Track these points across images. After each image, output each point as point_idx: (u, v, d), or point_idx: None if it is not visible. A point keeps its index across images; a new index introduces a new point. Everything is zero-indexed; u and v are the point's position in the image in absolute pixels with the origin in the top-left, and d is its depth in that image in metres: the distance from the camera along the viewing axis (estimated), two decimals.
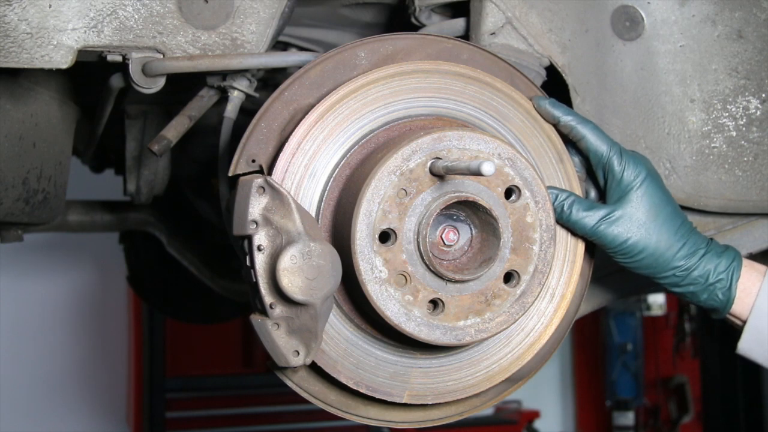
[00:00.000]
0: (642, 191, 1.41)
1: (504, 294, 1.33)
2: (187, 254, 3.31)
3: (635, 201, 1.41)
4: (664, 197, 1.43)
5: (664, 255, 1.42)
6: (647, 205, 1.41)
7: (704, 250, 1.44)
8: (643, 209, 1.41)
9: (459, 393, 1.43)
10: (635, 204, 1.41)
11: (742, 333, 1.45)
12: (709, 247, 1.44)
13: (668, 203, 1.43)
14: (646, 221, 1.41)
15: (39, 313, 6.13)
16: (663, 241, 1.41)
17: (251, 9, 1.51)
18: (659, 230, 1.41)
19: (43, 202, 1.91)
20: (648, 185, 1.42)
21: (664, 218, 1.42)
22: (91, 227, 3.20)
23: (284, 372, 1.39)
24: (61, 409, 6.13)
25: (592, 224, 1.41)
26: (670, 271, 1.43)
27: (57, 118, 1.93)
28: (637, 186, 1.41)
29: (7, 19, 1.38)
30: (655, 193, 1.42)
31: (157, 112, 2.41)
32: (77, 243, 5.84)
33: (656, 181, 1.43)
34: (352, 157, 1.35)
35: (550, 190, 1.41)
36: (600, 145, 1.42)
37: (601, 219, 1.41)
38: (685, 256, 1.42)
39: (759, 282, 1.44)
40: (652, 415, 7.42)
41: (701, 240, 1.45)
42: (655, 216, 1.41)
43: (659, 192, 1.43)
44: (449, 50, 1.44)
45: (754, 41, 1.70)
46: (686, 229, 1.44)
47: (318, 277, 1.23)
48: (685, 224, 1.44)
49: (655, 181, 1.43)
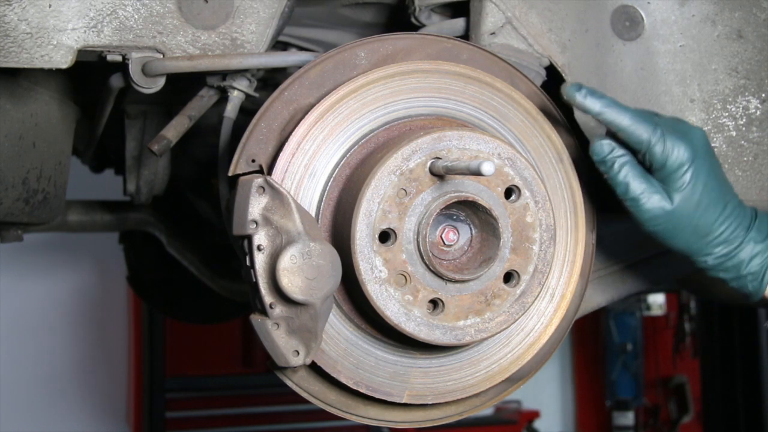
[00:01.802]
0: (687, 178, 1.37)
1: (504, 294, 1.33)
2: (187, 254, 3.31)
3: (682, 187, 1.37)
4: (711, 180, 1.39)
5: (698, 242, 1.39)
6: (690, 191, 1.37)
7: (743, 237, 1.40)
8: (686, 195, 1.37)
9: (459, 393, 1.43)
10: (681, 190, 1.37)
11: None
12: (749, 233, 1.41)
13: (714, 188, 1.39)
14: (688, 208, 1.38)
15: (39, 313, 6.13)
16: (701, 227, 1.39)
17: (251, 9, 1.51)
18: (699, 217, 1.38)
19: (43, 202, 1.91)
20: (693, 170, 1.37)
21: (707, 204, 1.38)
22: (91, 227, 3.20)
23: (284, 372, 1.39)
24: (61, 409, 6.13)
25: (635, 195, 1.37)
26: (704, 257, 1.41)
27: (57, 118, 1.93)
28: (683, 173, 1.37)
29: (7, 19, 1.38)
30: (700, 178, 1.37)
31: (157, 112, 2.41)
32: (77, 243, 5.84)
33: (703, 162, 1.38)
34: (352, 156, 1.35)
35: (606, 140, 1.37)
36: (640, 133, 1.36)
37: (643, 192, 1.37)
38: (721, 243, 1.39)
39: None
40: (652, 415, 7.42)
41: (743, 223, 1.41)
42: (698, 203, 1.38)
43: (705, 176, 1.38)
44: (449, 50, 1.44)
45: (754, 41, 1.70)
46: (728, 213, 1.40)
47: (318, 276, 1.23)
48: (728, 208, 1.40)
49: (701, 164, 1.37)
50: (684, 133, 1.39)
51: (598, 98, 1.38)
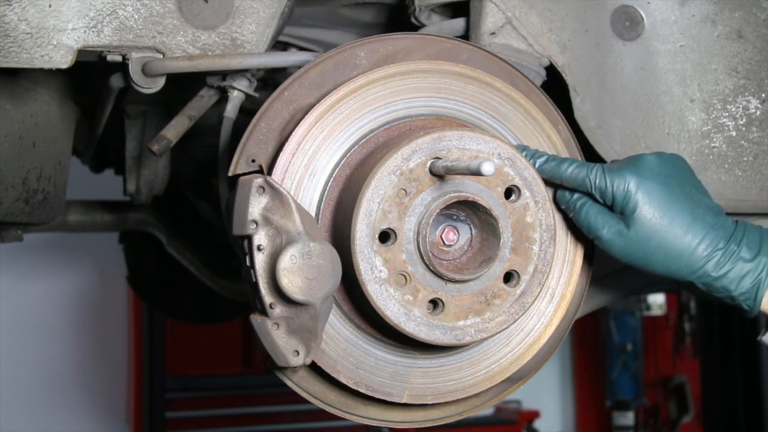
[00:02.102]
0: (636, 202, 1.36)
1: (504, 294, 1.33)
2: (187, 254, 3.31)
3: (636, 212, 1.36)
4: (668, 200, 1.36)
5: (676, 264, 1.36)
6: (643, 214, 1.36)
7: (726, 253, 1.35)
8: (643, 219, 1.36)
9: (459, 393, 1.43)
10: (635, 215, 1.36)
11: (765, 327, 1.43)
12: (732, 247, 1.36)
13: (674, 206, 1.36)
14: (646, 231, 1.36)
15: (39, 313, 6.13)
16: (670, 248, 1.36)
17: (251, 9, 1.51)
18: (663, 238, 1.35)
19: (43, 202, 1.90)
20: (642, 194, 1.36)
21: (669, 224, 1.35)
22: (91, 227, 3.20)
23: (284, 372, 1.39)
24: (61, 409, 6.13)
25: (596, 230, 1.38)
26: (691, 278, 1.37)
27: (57, 118, 1.93)
28: (630, 199, 1.36)
29: (7, 19, 1.38)
30: (653, 199, 1.36)
31: (157, 112, 2.41)
32: (77, 243, 5.84)
33: (654, 184, 1.36)
34: (352, 156, 1.35)
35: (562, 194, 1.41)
36: (581, 177, 1.38)
37: (603, 226, 1.38)
38: (703, 261, 1.35)
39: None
40: (652, 415, 7.42)
41: (722, 237, 1.36)
42: (657, 225, 1.35)
43: (659, 196, 1.36)
44: (449, 50, 1.44)
45: (754, 41, 1.70)
46: (699, 229, 1.36)
47: (318, 276, 1.23)
48: (698, 224, 1.36)
49: (652, 186, 1.36)
50: (629, 162, 1.39)
51: (537, 158, 1.40)
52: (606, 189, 1.37)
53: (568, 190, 1.42)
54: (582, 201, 1.40)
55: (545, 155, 1.41)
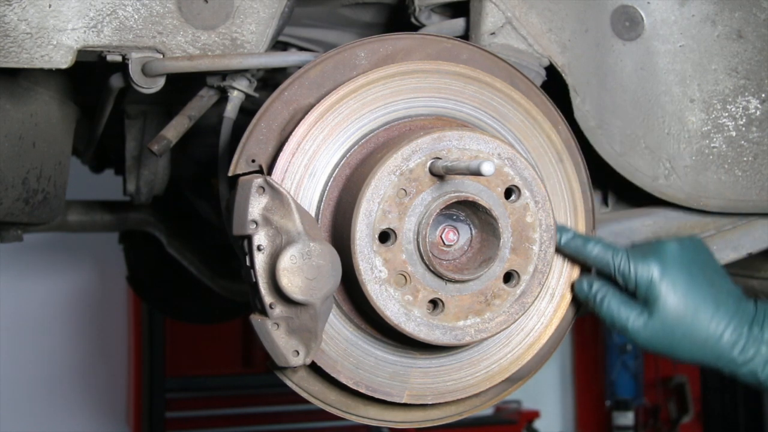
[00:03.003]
0: (660, 292, 1.36)
1: (504, 294, 1.33)
2: (187, 254, 3.31)
3: (660, 302, 1.36)
4: (693, 288, 1.37)
5: (702, 351, 1.37)
6: (668, 304, 1.36)
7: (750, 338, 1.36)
8: (668, 309, 1.36)
9: (459, 393, 1.43)
10: (660, 305, 1.37)
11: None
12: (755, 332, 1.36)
13: (698, 294, 1.37)
14: (671, 320, 1.37)
15: (39, 313, 6.13)
16: (696, 336, 1.37)
17: (251, 9, 1.51)
18: (689, 326, 1.36)
19: (43, 202, 1.90)
20: (667, 283, 1.36)
21: (694, 313, 1.36)
22: (91, 227, 3.19)
23: (284, 372, 1.39)
24: (61, 409, 6.13)
25: (621, 323, 1.39)
26: (718, 365, 1.38)
27: (57, 118, 1.93)
28: (655, 288, 1.37)
29: (7, 19, 1.38)
30: (678, 288, 1.37)
31: (157, 112, 2.41)
32: (77, 243, 5.83)
33: (678, 272, 1.37)
34: (351, 157, 1.35)
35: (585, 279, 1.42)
36: (607, 261, 1.40)
37: (627, 318, 1.38)
38: (730, 347, 1.36)
39: None
40: (651, 415, 7.41)
41: (745, 321, 1.37)
42: (682, 314, 1.36)
43: (683, 285, 1.37)
44: (449, 50, 1.44)
45: (754, 41, 1.70)
46: (723, 315, 1.37)
47: (318, 277, 1.23)
48: (721, 310, 1.37)
49: (676, 274, 1.37)
50: (653, 249, 1.40)
51: (561, 233, 1.41)
52: (629, 276, 1.38)
53: (589, 280, 1.43)
54: (602, 293, 1.41)
55: (571, 233, 1.42)
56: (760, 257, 1.87)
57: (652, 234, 1.72)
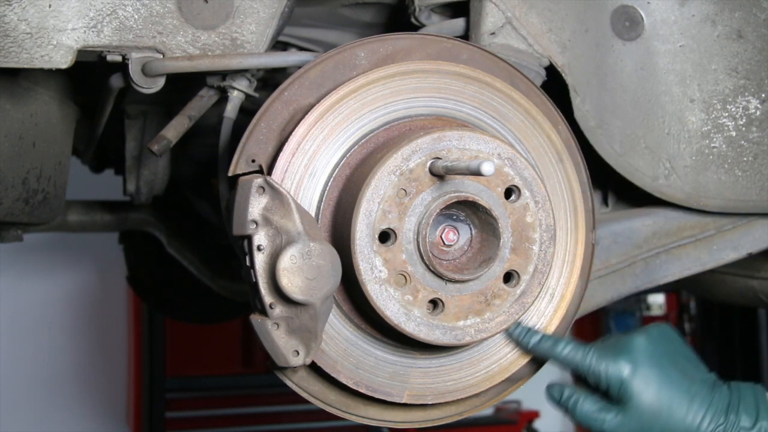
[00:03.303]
0: (633, 390, 1.37)
1: (504, 294, 1.33)
2: (187, 254, 3.31)
3: (634, 400, 1.37)
4: (665, 382, 1.38)
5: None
6: (645, 401, 1.37)
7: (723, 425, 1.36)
8: (643, 407, 1.37)
9: (459, 393, 1.43)
10: (634, 403, 1.37)
11: None
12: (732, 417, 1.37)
13: (672, 387, 1.38)
14: (647, 417, 1.37)
15: (39, 313, 6.13)
16: (675, 430, 1.37)
17: (251, 9, 1.51)
18: (666, 421, 1.37)
19: (43, 202, 1.90)
20: (638, 380, 1.37)
21: (669, 406, 1.37)
22: (91, 227, 3.19)
23: (284, 372, 1.39)
24: (61, 409, 6.12)
25: (597, 426, 1.39)
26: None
27: (57, 118, 1.93)
28: (626, 387, 1.37)
29: (7, 19, 1.38)
30: (650, 385, 1.37)
31: (157, 112, 2.41)
32: (77, 243, 5.83)
33: (650, 369, 1.38)
34: (351, 157, 1.35)
35: (554, 386, 1.43)
36: (575, 363, 1.41)
37: (603, 421, 1.39)
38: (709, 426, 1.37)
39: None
40: None
41: (720, 408, 1.38)
42: (657, 410, 1.37)
43: (655, 381, 1.38)
44: (449, 50, 1.44)
45: (754, 41, 1.70)
46: (699, 406, 1.37)
47: (318, 277, 1.23)
48: (696, 401, 1.38)
49: (647, 371, 1.37)
50: (621, 347, 1.40)
51: (530, 336, 1.42)
52: (600, 377, 1.39)
53: (559, 387, 1.44)
54: (575, 398, 1.42)
55: (539, 335, 1.43)
56: (760, 257, 1.87)
57: (651, 234, 1.72)
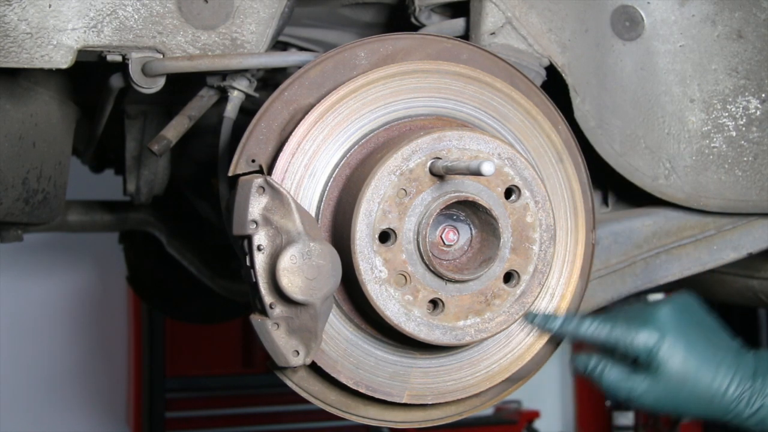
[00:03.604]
0: (661, 358, 1.38)
1: (504, 294, 1.33)
2: (187, 254, 3.31)
3: (661, 368, 1.38)
4: (692, 349, 1.39)
5: (709, 408, 1.39)
6: (673, 368, 1.38)
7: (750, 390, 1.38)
8: (671, 373, 1.38)
9: (459, 393, 1.43)
10: (662, 370, 1.38)
11: None
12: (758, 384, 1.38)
13: (698, 355, 1.39)
14: (675, 384, 1.39)
15: (39, 313, 6.13)
16: (701, 395, 1.39)
17: (251, 9, 1.51)
18: (693, 387, 1.38)
19: (43, 202, 1.90)
20: (666, 349, 1.38)
21: (696, 373, 1.38)
22: (91, 227, 3.19)
23: (284, 372, 1.39)
24: (61, 409, 6.12)
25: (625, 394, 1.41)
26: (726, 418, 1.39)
27: (57, 118, 1.93)
28: (654, 356, 1.38)
29: (7, 19, 1.38)
30: (677, 352, 1.39)
31: (157, 112, 2.41)
32: (77, 243, 5.83)
33: (676, 336, 1.39)
34: (351, 157, 1.35)
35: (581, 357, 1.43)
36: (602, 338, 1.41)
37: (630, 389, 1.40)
38: (734, 401, 1.38)
39: None
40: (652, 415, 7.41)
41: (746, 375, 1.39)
42: (684, 376, 1.38)
43: (682, 349, 1.39)
44: (449, 50, 1.44)
45: (754, 41, 1.70)
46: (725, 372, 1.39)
47: (318, 277, 1.23)
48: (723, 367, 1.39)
49: (674, 339, 1.39)
50: (647, 317, 1.41)
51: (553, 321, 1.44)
52: (628, 347, 1.39)
53: (584, 357, 1.44)
54: (600, 368, 1.42)
55: (560, 318, 1.44)
56: (760, 257, 1.87)
57: (652, 234, 1.72)
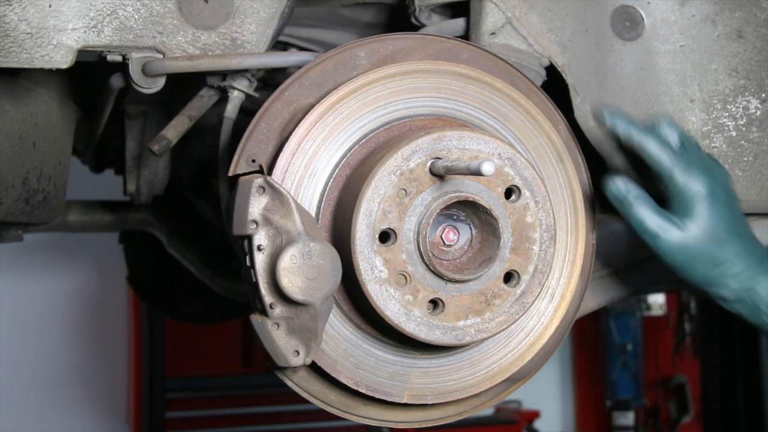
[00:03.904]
0: (703, 209, 1.38)
1: (504, 294, 1.33)
2: (187, 254, 3.31)
3: (697, 218, 1.38)
4: (727, 216, 1.39)
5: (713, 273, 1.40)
6: (707, 223, 1.38)
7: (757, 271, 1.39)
8: (703, 227, 1.38)
9: (459, 393, 1.43)
10: (697, 221, 1.38)
11: None
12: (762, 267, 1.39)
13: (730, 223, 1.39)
14: (704, 240, 1.38)
15: (39, 313, 6.13)
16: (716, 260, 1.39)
17: (251, 9, 1.51)
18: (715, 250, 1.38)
19: (43, 202, 1.91)
20: (711, 203, 1.38)
21: (724, 238, 1.39)
22: (91, 227, 3.20)
23: (284, 372, 1.39)
24: (61, 409, 6.13)
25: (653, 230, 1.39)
26: (719, 289, 1.40)
27: (57, 118, 1.93)
28: (700, 204, 1.38)
29: (7, 19, 1.38)
30: (717, 211, 1.38)
31: (157, 112, 2.41)
32: (77, 243, 5.84)
33: (721, 197, 1.39)
34: (352, 157, 1.35)
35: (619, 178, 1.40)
36: (664, 161, 1.40)
37: (659, 226, 1.38)
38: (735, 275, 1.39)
39: None
40: (652, 415, 7.42)
41: (756, 257, 1.40)
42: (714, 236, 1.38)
43: (722, 210, 1.39)
44: (449, 50, 1.44)
45: (754, 41, 1.70)
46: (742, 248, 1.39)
47: (318, 277, 1.23)
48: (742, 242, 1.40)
49: (719, 198, 1.39)
50: (708, 166, 1.42)
51: (626, 123, 1.42)
52: (683, 183, 1.38)
53: (624, 180, 1.41)
54: (637, 195, 1.40)
55: (632, 121, 1.42)
56: None
57: None
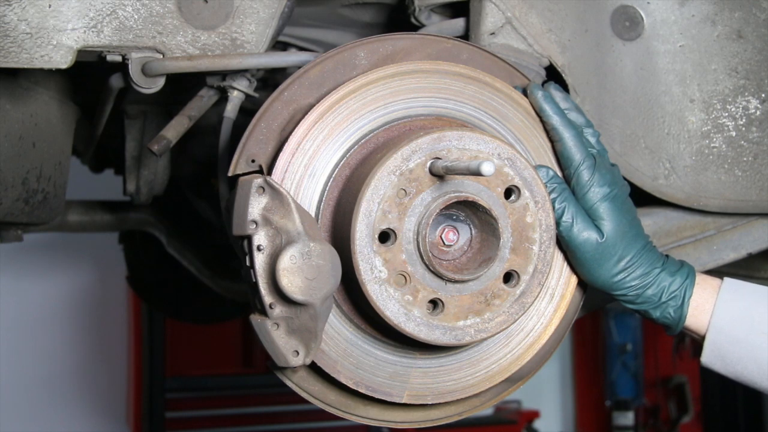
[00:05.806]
0: (610, 209, 1.40)
1: (504, 294, 1.33)
2: (187, 254, 3.31)
3: (607, 218, 1.39)
4: (630, 216, 1.42)
5: (618, 274, 1.41)
6: (618, 223, 1.40)
7: (659, 269, 1.42)
8: (614, 227, 1.40)
9: (459, 393, 1.43)
10: (607, 220, 1.39)
11: (703, 348, 1.45)
12: (664, 265, 1.44)
13: (634, 223, 1.42)
14: (615, 239, 1.40)
15: (39, 313, 6.13)
16: (622, 259, 1.41)
17: (251, 9, 1.51)
18: (623, 250, 1.40)
19: (43, 202, 1.91)
20: (608, 207, 1.40)
21: (631, 237, 1.41)
22: (91, 227, 3.20)
23: (284, 372, 1.39)
24: (61, 409, 6.13)
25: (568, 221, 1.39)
26: (623, 290, 1.42)
27: (57, 118, 1.93)
28: (598, 206, 1.40)
29: (7, 19, 1.38)
30: (624, 211, 1.41)
31: (156, 112, 2.41)
32: (77, 243, 5.84)
33: (618, 203, 1.41)
34: (351, 157, 1.35)
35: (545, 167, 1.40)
36: (574, 153, 1.41)
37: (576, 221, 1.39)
38: (637, 277, 1.41)
39: (713, 298, 1.43)
40: (651, 415, 7.42)
41: (656, 259, 1.43)
42: (623, 235, 1.40)
43: (627, 211, 1.42)
44: (449, 50, 1.44)
45: (753, 41, 1.70)
46: (644, 248, 1.42)
47: (317, 277, 1.23)
48: (644, 242, 1.43)
49: (616, 204, 1.41)
50: (608, 171, 1.42)
51: (553, 106, 1.41)
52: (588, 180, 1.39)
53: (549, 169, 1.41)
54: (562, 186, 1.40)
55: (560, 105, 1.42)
56: (760, 257, 1.87)
57: (651, 234, 1.72)
